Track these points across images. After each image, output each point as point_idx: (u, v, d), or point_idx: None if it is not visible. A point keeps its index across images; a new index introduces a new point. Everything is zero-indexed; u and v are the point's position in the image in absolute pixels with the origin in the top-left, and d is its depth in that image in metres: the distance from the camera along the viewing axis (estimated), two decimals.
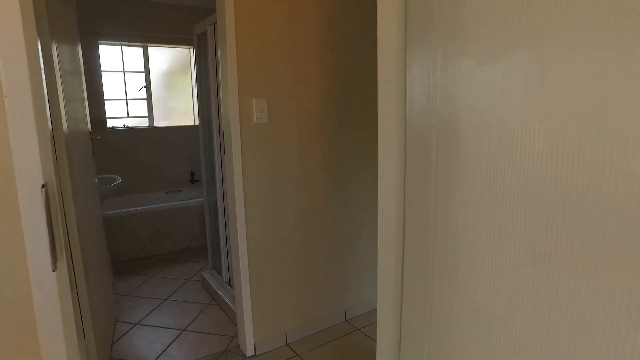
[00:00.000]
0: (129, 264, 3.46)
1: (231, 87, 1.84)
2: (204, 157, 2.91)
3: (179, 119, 4.47)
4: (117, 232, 3.45)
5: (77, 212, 1.72)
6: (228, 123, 1.90)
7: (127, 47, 4.09)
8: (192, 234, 3.79)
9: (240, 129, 1.89)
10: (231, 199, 2.01)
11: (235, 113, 1.87)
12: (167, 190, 4.27)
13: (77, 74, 2.10)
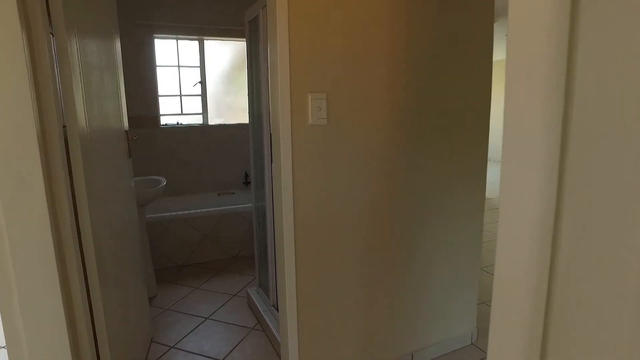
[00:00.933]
0: (174, 272, 3.24)
1: (281, 79, 1.46)
2: (254, 159, 2.58)
3: (235, 117, 4.22)
4: (164, 237, 3.24)
5: (94, 219, 1.44)
6: (277, 124, 1.53)
7: (182, 41, 3.90)
8: (243, 242, 3.50)
9: (291, 132, 1.50)
10: (278, 216, 1.64)
11: (286, 111, 1.48)
12: (220, 192, 4.04)
13: (111, 69, 1.85)
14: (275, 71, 1.48)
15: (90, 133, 1.49)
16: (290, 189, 1.53)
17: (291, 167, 1.52)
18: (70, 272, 1.32)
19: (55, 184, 1.23)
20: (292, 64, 1.47)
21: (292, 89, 1.48)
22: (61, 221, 1.27)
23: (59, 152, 1.23)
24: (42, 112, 1.19)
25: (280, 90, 1.47)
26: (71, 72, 1.33)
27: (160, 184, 2.70)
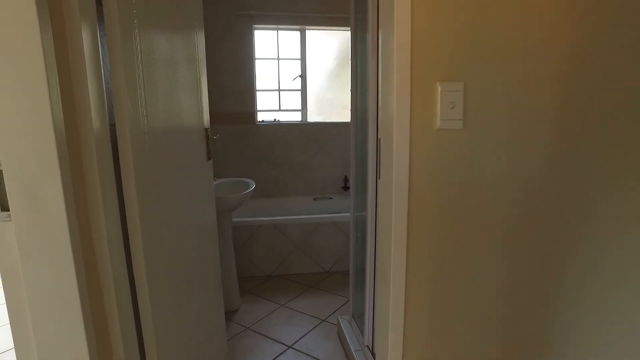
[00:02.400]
0: (261, 283, 2.96)
1: (398, 60, 0.98)
2: (355, 164, 2.15)
3: (336, 115, 3.84)
4: (252, 243, 2.99)
5: (150, 235, 1.17)
6: (388, 128, 1.06)
7: (282, 33, 3.62)
8: (338, 256, 3.11)
9: (410, 138, 1.02)
10: (385, 249, 1.18)
11: (403, 108, 1.01)
12: (316, 197, 3.70)
13: (190, 63, 1.62)
14: (389, 49, 1.02)
15: (151, 132, 1.21)
16: (403, 218, 1.05)
17: (407, 187, 1.04)
18: (108, 310, 1.03)
19: (90, 198, 0.94)
20: (414, 39, 0.99)
21: (413, 76, 1.00)
22: (97, 245, 0.98)
23: (94, 158, 0.93)
24: (74, 113, 0.90)
25: (395, 79, 0.99)
26: (122, 68, 1.06)
27: (248, 188, 2.42)
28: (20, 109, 0.82)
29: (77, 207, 0.91)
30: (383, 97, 1.09)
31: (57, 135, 0.84)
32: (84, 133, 0.93)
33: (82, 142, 0.93)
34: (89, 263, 0.96)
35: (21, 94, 0.81)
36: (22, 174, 0.84)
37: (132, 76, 1.12)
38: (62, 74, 0.87)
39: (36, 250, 0.87)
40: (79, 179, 0.93)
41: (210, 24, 3.30)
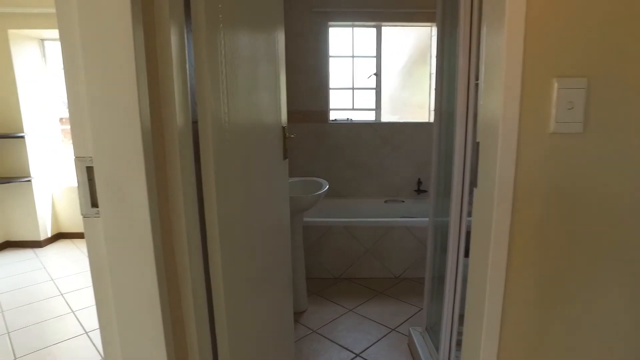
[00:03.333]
0: (329, 285, 2.91)
1: (508, 54, 0.85)
2: (437, 167, 2.01)
3: (411, 115, 3.68)
4: (321, 244, 2.94)
5: (227, 232, 1.16)
6: (492, 128, 0.93)
7: (358, 29, 3.52)
8: (410, 262, 2.96)
9: (517, 143, 0.89)
10: (479, 266, 1.05)
11: (512, 108, 0.87)
12: (388, 199, 3.57)
13: (270, 61, 1.62)
14: (497, 41, 0.89)
15: (231, 129, 1.19)
16: (504, 238, 0.92)
17: (511, 201, 0.90)
18: (185, 308, 1.02)
19: (171, 196, 0.93)
20: (528, 26, 0.85)
21: (526, 71, 0.86)
22: (177, 244, 0.97)
23: (177, 156, 0.92)
24: (160, 110, 0.90)
25: (504, 75, 0.86)
26: (206, 66, 1.05)
27: (322, 189, 2.37)
28: (110, 106, 0.82)
29: (159, 205, 0.90)
30: (485, 96, 0.96)
31: (144, 133, 0.82)
32: (168, 130, 0.92)
33: (166, 140, 0.92)
34: (168, 261, 0.95)
35: (112, 91, 0.81)
36: (110, 171, 0.84)
37: (216, 74, 1.11)
38: (149, 72, 0.86)
39: (120, 247, 0.87)
40: (161, 176, 0.92)
41: (286, 21, 3.30)
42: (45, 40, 3.93)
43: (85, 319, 2.57)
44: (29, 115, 3.74)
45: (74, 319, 2.57)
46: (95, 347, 2.27)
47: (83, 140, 0.86)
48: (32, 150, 3.79)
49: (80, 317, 2.60)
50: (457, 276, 1.63)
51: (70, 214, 4.08)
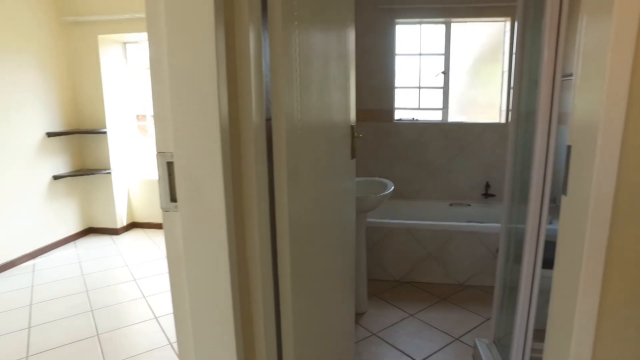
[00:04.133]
0: (389, 288, 2.85)
1: (617, 46, 0.76)
2: (512, 171, 1.88)
3: (480, 115, 3.51)
4: (383, 246, 2.89)
5: (296, 231, 1.18)
6: (588, 130, 0.84)
7: (425, 25, 3.41)
8: (475, 269, 2.82)
9: (620, 149, 0.79)
10: (566, 283, 0.96)
11: (616, 109, 0.78)
12: (453, 202, 3.43)
13: (341, 59, 1.61)
14: (600, 33, 0.80)
15: (303, 127, 1.19)
16: (600, 254, 0.83)
17: (609, 213, 0.81)
18: (254, 304, 1.03)
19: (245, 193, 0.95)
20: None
21: (637, 67, 0.77)
22: (249, 241, 0.98)
23: (252, 153, 0.93)
24: (237, 108, 0.91)
25: (607, 72, 0.77)
26: (282, 64, 1.06)
27: (387, 190, 2.32)
28: (192, 104, 0.84)
29: (234, 201, 0.91)
30: (581, 93, 0.87)
31: (222, 130, 0.84)
32: (244, 128, 0.93)
33: (242, 137, 0.94)
34: (240, 257, 0.97)
35: (194, 90, 0.83)
36: (189, 167, 0.86)
37: (290, 72, 1.11)
38: (227, 70, 0.88)
39: (196, 241, 0.89)
40: (236, 173, 0.93)
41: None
42: (127, 43, 4.22)
43: (155, 305, 2.73)
44: (110, 113, 4.05)
45: (145, 304, 2.74)
46: (164, 332, 2.39)
47: (165, 136, 0.90)
48: (112, 145, 4.09)
49: (151, 302, 2.76)
50: (532, 288, 1.51)
51: (144, 205, 4.36)
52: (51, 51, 3.73)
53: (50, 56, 3.72)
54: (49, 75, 3.71)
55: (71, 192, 4.01)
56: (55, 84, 3.78)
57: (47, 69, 3.69)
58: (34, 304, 2.79)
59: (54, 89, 3.77)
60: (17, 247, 3.45)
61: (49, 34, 3.69)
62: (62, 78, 3.87)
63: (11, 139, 3.37)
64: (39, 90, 3.62)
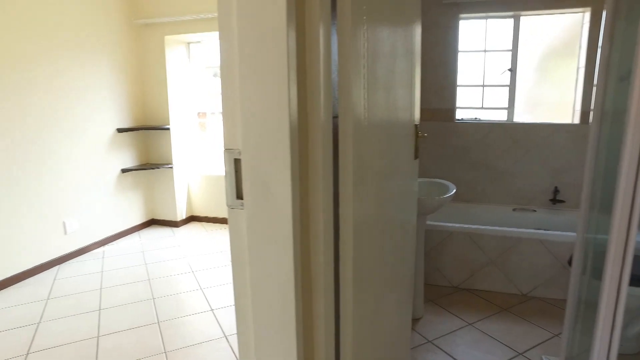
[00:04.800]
0: (446, 294, 2.74)
1: None
2: (592, 176, 1.73)
3: (550, 115, 3.28)
4: (441, 250, 2.78)
5: (359, 232, 1.16)
6: None
7: (492, 20, 3.23)
8: (541, 279, 2.64)
9: None
10: None
11: None
12: (516, 207, 3.24)
13: (407, 57, 1.57)
14: None
15: (369, 126, 1.16)
16: None
17: None
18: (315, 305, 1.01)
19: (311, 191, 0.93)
20: None
21: None
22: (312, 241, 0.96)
23: (319, 151, 0.91)
24: (305, 105, 0.89)
25: None
26: (350, 62, 1.03)
27: (448, 192, 2.22)
28: (261, 102, 0.83)
29: (300, 200, 0.89)
30: None
31: (291, 128, 0.82)
32: (312, 125, 0.91)
33: (310, 135, 0.91)
34: (304, 258, 0.95)
35: (264, 86, 0.82)
36: (256, 164, 0.86)
37: (357, 69, 1.08)
38: (297, 67, 0.86)
39: (261, 240, 0.88)
40: (303, 171, 0.91)
41: None
42: (190, 43, 4.39)
43: (211, 297, 2.81)
44: (173, 110, 4.23)
45: (202, 296, 2.82)
46: (219, 324, 2.45)
47: (233, 133, 0.90)
48: (175, 141, 4.27)
49: (207, 294, 2.85)
50: (616, 307, 1.37)
51: (202, 200, 4.51)
52: (123, 52, 3.96)
53: (122, 57, 3.95)
54: (120, 75, 3.94)
55: (137, 185, 4.24)
56: (125, 83, 4.01)
57: (119, 69, 3.92)
58: (104, 288, 2.97)
59: (124, 87, 4.00)
60: (90, 235, 3.70)
61: (121, 36, 3.92)
62: (132, 77, 4.09)
63: (87, 134, 3.62)
64: (112, 89, 3.86)
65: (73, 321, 2.53)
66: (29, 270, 3.18)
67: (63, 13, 3.33)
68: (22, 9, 3.01)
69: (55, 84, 3.30)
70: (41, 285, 3.05)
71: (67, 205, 3.47)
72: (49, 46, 3.23)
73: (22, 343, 2.31)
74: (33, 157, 3.16)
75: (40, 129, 3.21)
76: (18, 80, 3.02)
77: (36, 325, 2.49)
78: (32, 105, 3.13)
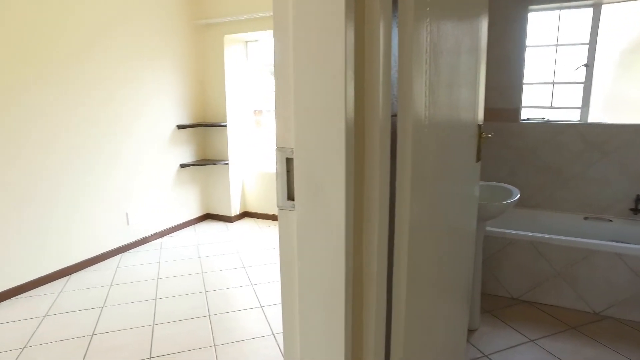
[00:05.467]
0: (504, 306, 2.56)
1: None
2: None
3: (633, 115, 2.96)
4: (500, 258, 2.60)
5: (415, 237, 1.07)
6: None
7: (566, 11, 2.97)
8: (617, 298, 2.39)
9: None
10: None
11: None
12: (589, 216, 2.97)
13: (471, 53, 1.46)
14: None
15: (430, 125, 1.07)
16: None
17: None
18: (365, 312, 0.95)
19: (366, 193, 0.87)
20: None
21: None
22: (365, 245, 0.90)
23: (376, 151, 0.85)
24: (363, 104, 0.84)
25: None
26: (411, 57, 0.95)
27: (512, 197, 2.06)
28: (316, 97, 0.78)
29: (355, 203, 0.84)
30: None
31: (347, 127, 0.77)
32: (369, 124, 0.85)
33: (366, 134, 0.85)
34: (356, 263, 0.89)
35: (319, 85, 0.78)
36: (309, 164, 0.81)
37: (419, 66, 1.00)
38: (355, 62, 0.80)
39: (311, 243, 0.84)
40: (358, 172, 0.85)
41: None
42: (248, 42, 4.46)
43: (260, 293, 2.83)
44: (230, 107, 4.32)
45: (252, 292, 2.85)
46: (268, 322, 2.46)
47: (285, 131, 0.86)
48: (231, 138, 4.37)
49: (257, 290, 2.87)
50: None
51: (255, 196, 4.59)
52: (184, 52, 4.10)
53: (183, 57, 4.09)
54: (181, 74, 4.09)
55: (194, 180, 4.39)
56: (186, 81, 4.16)
57: (180, 69, 4.07)
58: (160, 278, 3.09)
59: (185, 86, 4.15)
60: (149, 226, 3.88)
61: (182, 37, 4.06)
62: (192, 76, 4.24)
63: (150, 129, 3.79)
64: (173, 87, 4.01)
65: (132, 308, 2.64)
66: (97, 256, 3.38)
67: (130, 20, 3.51)
68: (93, 21, 3.20)
69: (123, 86, 3.49)
70: (106, 271, 3.24)
71: (130, 197, 3.66)
72: (117, 52, 3.42)
73: (89, 324, 2.46)
74: (102, 152, 3.36)
75: (108, 126, 3.40)
76: (89, 83, 3.21)
77: (100, 308, 2.64)
78: (102, 106, 3.33)
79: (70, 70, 3.07)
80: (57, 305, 2.71)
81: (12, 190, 2.79)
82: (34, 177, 2.90)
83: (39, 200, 2.94)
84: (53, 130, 3.00)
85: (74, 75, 3.10)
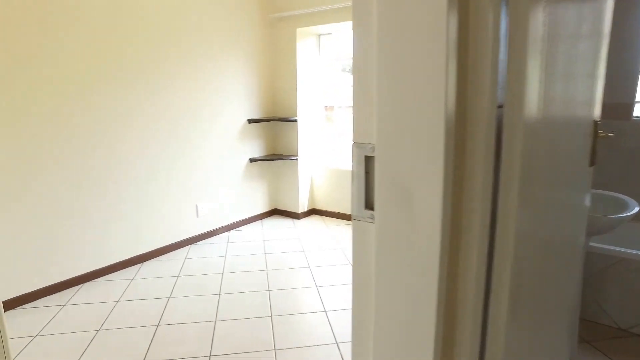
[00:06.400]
0: (607, 337, 2.18)
1: None
2: None
3: None
4: (604, 280, 2.22)
5: (520, 252, 0.85)
6: None
7: None
8: None
9: None
10: None
11: None
12: None
13: (592, 40, 1.19)
14: None
15: (542, 120, 0.85)
16: None
17: None
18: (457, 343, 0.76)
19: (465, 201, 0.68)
20: None
21: None
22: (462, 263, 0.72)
23: (480, 150, 0.65)
24: (465, 97, 0.65)
25: None
26: (523, 44, 0.74)
27: (627, 210, 1.72)
28: (409, 93, 0.61)
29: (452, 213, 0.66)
30: None
31: (447, 117, 0.59)
32: (472, 116, 0.66)
33: (468, 128, 0.67)
34: (450, 288, 0.71)
35: (413, 78, 0.60)
36: (395, 163, 0.65)
37: (533, 53, 0.79)
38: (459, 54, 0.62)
39: (395, 264, 0.67)
40: (457, 175, 0.67)
41: None
42: (320, 35, 4.35)
43: (325, 297, 2.70)
44: (301, 102, 4.25)
45: (317, 294, 2.73)
46: (331, 328, 2.32)
47: (365, 123, 0.70)
48: (301, 133, 4.29)
49: (322, 293, 2.75)
50: None
51: (324, 194, 4.48)
52: (256, 46, 4.09)
53: (255, 51, 4.09)
54: (253, 68, 4.09)
55: (262, 174, 4.39)
56: (257, 75, 4.15)
57: (252, 63, 4.07)
58: (225, 273, 3.09)
59: (256, 80, 4.15)
60: (218, 219, 3.93)
61: (256, 31, 4.06)
62: (264, 70, 4.22)
63: (220, 124, 3.83)
64: (245, 81, 4.02)
65: (196, 302, 2.65)
66: (167, 246, 3.48)
67: (206, 15, 3.55)
68: (171, 18, 3.27)
69: (194, 78, 3.55)
70: (176, 261, 3.31)
71: (199, 190, 3.72)
72: (191, 46, 3.47)
73: (155, 314, 2.49)
74: (173, 145, 3.44)
75: (180, 120, 3.47)
76: (164, 77, 3.29)
77: (167, 299, 2.68)
78: (175, 98, 3.40)
79: (158, 70, 3.17)
80: (129, 292, 2.80)
81: (99, 177, 2.93)
82: (113, 164, 3.04)
83: (114, 189, 3.07)
84: (144, 125, 3.11)
85: (162, 75, 3.19)
